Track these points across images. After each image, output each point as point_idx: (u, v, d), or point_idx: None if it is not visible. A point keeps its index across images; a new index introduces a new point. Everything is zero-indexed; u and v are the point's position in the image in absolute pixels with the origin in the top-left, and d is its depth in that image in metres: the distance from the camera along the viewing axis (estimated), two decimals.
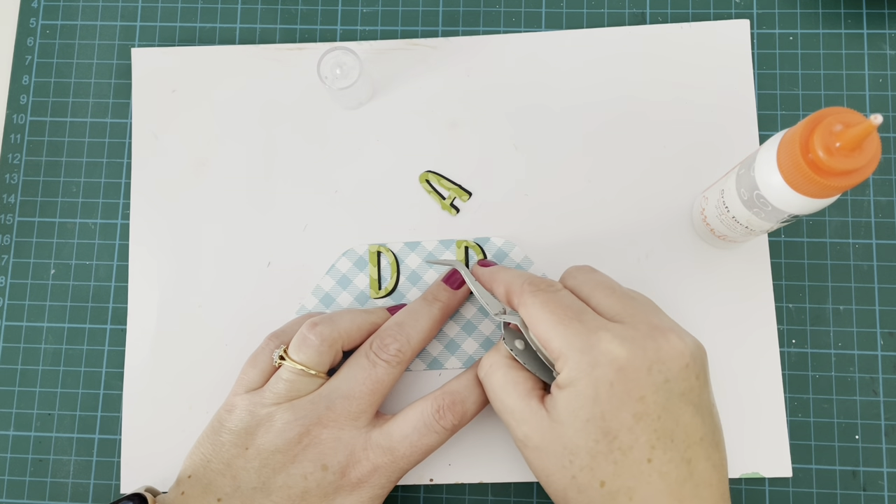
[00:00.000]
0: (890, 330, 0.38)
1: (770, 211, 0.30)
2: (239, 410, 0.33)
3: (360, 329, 0.35)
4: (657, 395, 0.29)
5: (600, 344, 0.29)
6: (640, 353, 0.29)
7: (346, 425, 0.33)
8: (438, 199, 0.39)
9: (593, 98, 0.40)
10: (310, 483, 0.32)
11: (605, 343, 0.29)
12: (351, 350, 0.36)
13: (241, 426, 0.33)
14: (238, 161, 0.41)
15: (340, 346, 0.35)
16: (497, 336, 0.38)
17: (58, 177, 0.41)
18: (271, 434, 0.32)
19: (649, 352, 0.29)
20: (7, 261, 0.41)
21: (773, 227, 0.32)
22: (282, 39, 0.42)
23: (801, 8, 0.41)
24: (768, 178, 0.29)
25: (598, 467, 0.29)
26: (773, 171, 0.29)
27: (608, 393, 0.29)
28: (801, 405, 0.38)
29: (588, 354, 0.29)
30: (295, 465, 0.32)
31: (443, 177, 0.39)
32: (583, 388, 0.29)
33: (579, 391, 0.29)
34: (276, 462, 0.32)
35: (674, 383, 0.29)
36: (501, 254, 0.39)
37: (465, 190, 0.39)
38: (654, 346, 0.30)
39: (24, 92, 0.42)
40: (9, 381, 0.40)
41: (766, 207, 0.30)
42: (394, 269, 0.39)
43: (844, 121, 0.26)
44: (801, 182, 0.28)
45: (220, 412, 0.34)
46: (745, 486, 0.37)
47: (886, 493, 0.37)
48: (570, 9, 0.42)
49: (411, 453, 0.33)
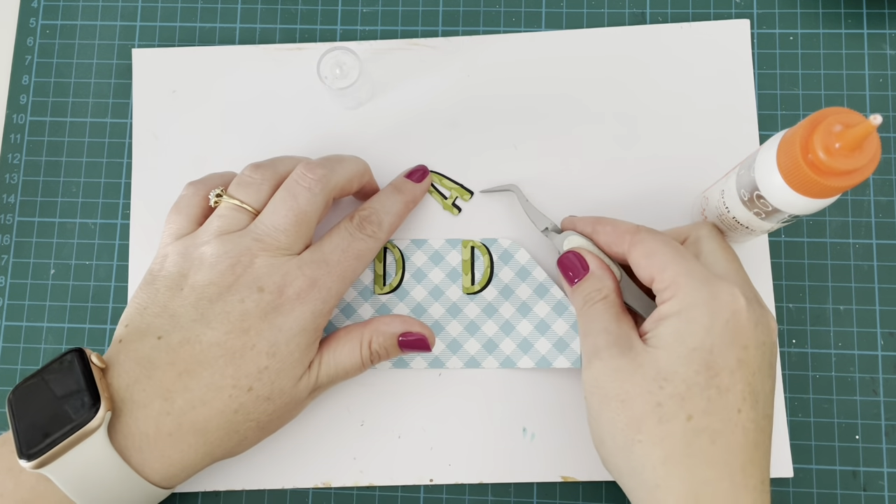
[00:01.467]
0: (890, 330, 0.38)
1: (770, 211, 0.30)
2: (172, 256, 0.33)
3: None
4: (757, 351, 0.30)
5: (723, 285, 0.30)
6: (750, 306, 0.30)
7: (278, 253, 0.33)
8: (440, 199, 0.39)
9: (593, 98, 0.40)
10: (247, 305, 0.32)
11: (728, 286, 0.30)
12: None
13: (174, 270, 0.33)
14: (238, 161, 0.40)
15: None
16: (500, 338, 0.38)
17: (58, 177, 0.41)
18: (203, 269, 0.32)
19: (756, 311, 0.31)
20: (7, 261, 0.41)
21: (774, 228, 0.32)
22: (282, 39, 0.42)
23: (802, 8, 0.41)
24: (768, 179, 0.29)
25: (691, 399, 0.29)
26: (773, 172, 0.29)
27: (722, 328, 0.29)
28: (801, 405, 0.38)
29: (708, 286, 0.30)
30: (231, 292, 0.32)
31: (444, 176, 0.39)
32: (698, 316, 0.30)
33: (693, 318, 0.30)
34: (211, 293, 0.32)
35: (768, 349, 0.31)
36: (507, 255, 0.39)
37: (467, 189, 0.40)
38: (761, 311, 0.31)
39: (23, 92, 0.42)
40: (9, 382, 0.40)
41: (766, 208, 0.30)
42: (399, 265, 0.39)
43: (844, 121, 0.26)
44: (801, 182, 0.28)
45: (151, 266, 0.34)
46: None
47: (887, 494, 0.37)
48: (570, 9, 0.42)
49: (344, 258, 0.34)
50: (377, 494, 0.38)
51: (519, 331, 0.38)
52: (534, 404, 0.38)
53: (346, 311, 0.38)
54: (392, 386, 0.38)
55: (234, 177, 0.35)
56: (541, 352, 0.37)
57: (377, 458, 0.37)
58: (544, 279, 0.38)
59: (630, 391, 0.30)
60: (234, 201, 0.34)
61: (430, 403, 0.38)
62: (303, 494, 0.38)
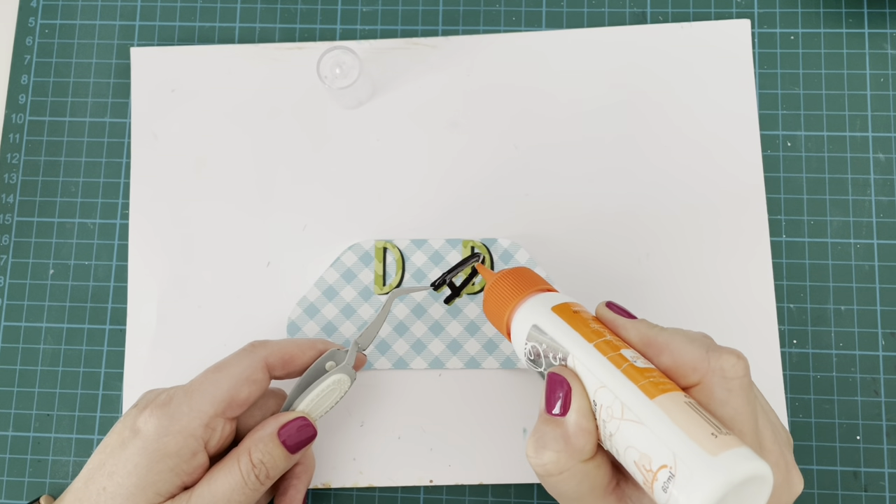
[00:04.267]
0: (891, 330, 0.38)
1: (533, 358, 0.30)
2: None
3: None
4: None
5: (792, 469, 0.26)
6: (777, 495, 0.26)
7: None
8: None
9: (594, 97, 0.40)
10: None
11: (795, 469, 0.26)
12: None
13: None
14: (237, 161, 0.41)
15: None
16: (500, 339, 0.38)
17: (57, 176, 0.41)
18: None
19: (783, 496, 0.26)
20: (6, 261, 0.41)
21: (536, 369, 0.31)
22: (281, 39, 0.42)
23: (803, 7, 0.41)
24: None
25: None
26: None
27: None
28: (802, 406, 0.38)
29: (785, 461, 0.26)
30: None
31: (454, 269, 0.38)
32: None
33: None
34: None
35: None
36: (507, 255, 0.38)
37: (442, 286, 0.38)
38: (789, 490, 0.26)
39: (22, 91, 0.42)
40: (7, 382, 0.39)
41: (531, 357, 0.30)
42: (399, 265, 0.39)
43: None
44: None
45: None
46: None
47: (888, 494, 0.36)
48: (571, 8, 0.42)
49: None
50: (377, 495, 0.38)
51: None
52: (534, 404, 0.37)
53: (346, 311, 0.38)
54: (392, 386, 0.38)
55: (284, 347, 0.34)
56: None
57: (377, 458, 0.37)
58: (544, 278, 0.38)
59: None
60: None
61: (429, 404, 0.38)
62: None
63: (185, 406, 0.31)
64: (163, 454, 0.30)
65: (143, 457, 0.30)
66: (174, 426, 0.30)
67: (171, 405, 0.31)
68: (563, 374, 0.27)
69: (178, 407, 0.31)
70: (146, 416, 0.30)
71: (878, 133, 0.40)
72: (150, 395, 0.32)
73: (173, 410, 0.31)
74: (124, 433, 0.31)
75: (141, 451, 0.30)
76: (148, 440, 0.30)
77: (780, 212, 0.39)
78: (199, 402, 0.31)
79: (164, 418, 0.30)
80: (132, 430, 0.30)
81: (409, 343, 0.38)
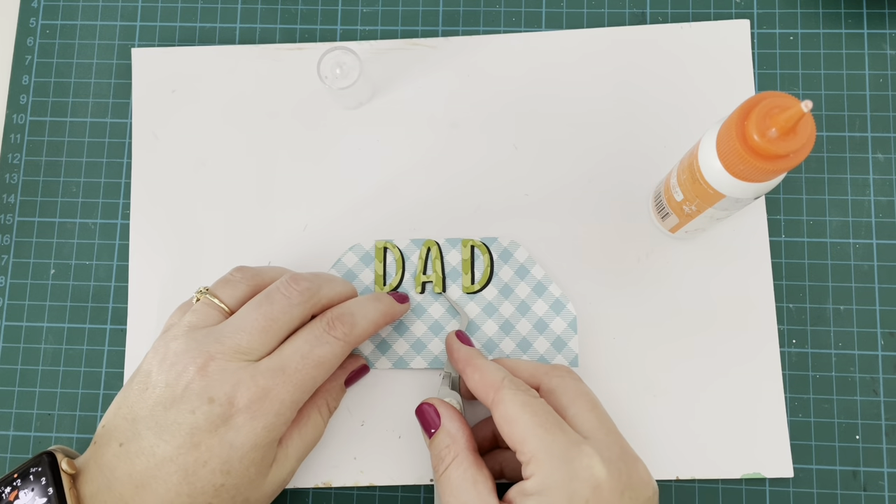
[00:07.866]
0: (890, 330, 0.38)
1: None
2: (151, 351, 0.32)
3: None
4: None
5: (582, 458, 0.29)
6: (617, 475, 0.29)
7: (234, 358, 0.31)
8: (419, 274, 0.39)
9: (593, 98, 0.40)
10: (197, 417, 0.30)
11: (587, 458, 0.29)
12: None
13: (145, 367, 0.32)
14: (238, 161, 0.41)
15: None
16: (499, 338, 0.38)
17: (58, 177, 0.41)
18: (164, 367, 0.31)
19: (623, 476, 0.29)
20: (7, 261, 0.41)
21: (721, 216, 0.32)
22: (282, 39, 0.42)
23: (802, 8, 0.41)
24: (710, 164, 0.29)
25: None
26: (713, 157, 0.29)
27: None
28: (801, 405, 0.38)
29: (567, 465, 0.29)
30: (183, 401, 0.30)
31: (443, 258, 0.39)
32: (556, 499, 0.28)
33: (551, 501, 0.28)
34: (166, 398, 0.30)
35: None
36: (507, 254, 0.39)
37: (445, 284, 0.39)
38: (627, 470, 0.30)
39: (23, 92, 0.42)
40: (9, 382, 0.40)
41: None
42: (399, 265, 0.39)
43: (778, 105, 0.26)
44: (738, 166, 0.28)
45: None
46: (745, 486, 0.37)
47: (887, 494, 0.37)
48: (571, 9, 0.42)
49: (303, 366, 0.32)
50: (377, 494, 0.38)
51: (518, 330, 0.38)
52: None
53: None
54: (392, 386, 0.38)
55: (264, 273, 0.35)
56: (539, 351, 0.37)
57: (377, 458, 0.37)
58: (543, 277, 0.38)
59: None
60: (213, 299, 0.33)
61: None
62: (303, 494, 0.38)
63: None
64: (281, 427, 0.32)
65: (258, 452, 0.31)
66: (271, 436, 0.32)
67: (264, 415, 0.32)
68: (426, 406, 0.34)
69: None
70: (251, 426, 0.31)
71: (877, 133, 0.40)
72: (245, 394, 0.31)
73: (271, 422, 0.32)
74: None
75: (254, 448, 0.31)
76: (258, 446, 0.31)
77: (779, 212, 0.39)
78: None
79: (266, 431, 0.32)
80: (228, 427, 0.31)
81: (409, 343, 0.38)
